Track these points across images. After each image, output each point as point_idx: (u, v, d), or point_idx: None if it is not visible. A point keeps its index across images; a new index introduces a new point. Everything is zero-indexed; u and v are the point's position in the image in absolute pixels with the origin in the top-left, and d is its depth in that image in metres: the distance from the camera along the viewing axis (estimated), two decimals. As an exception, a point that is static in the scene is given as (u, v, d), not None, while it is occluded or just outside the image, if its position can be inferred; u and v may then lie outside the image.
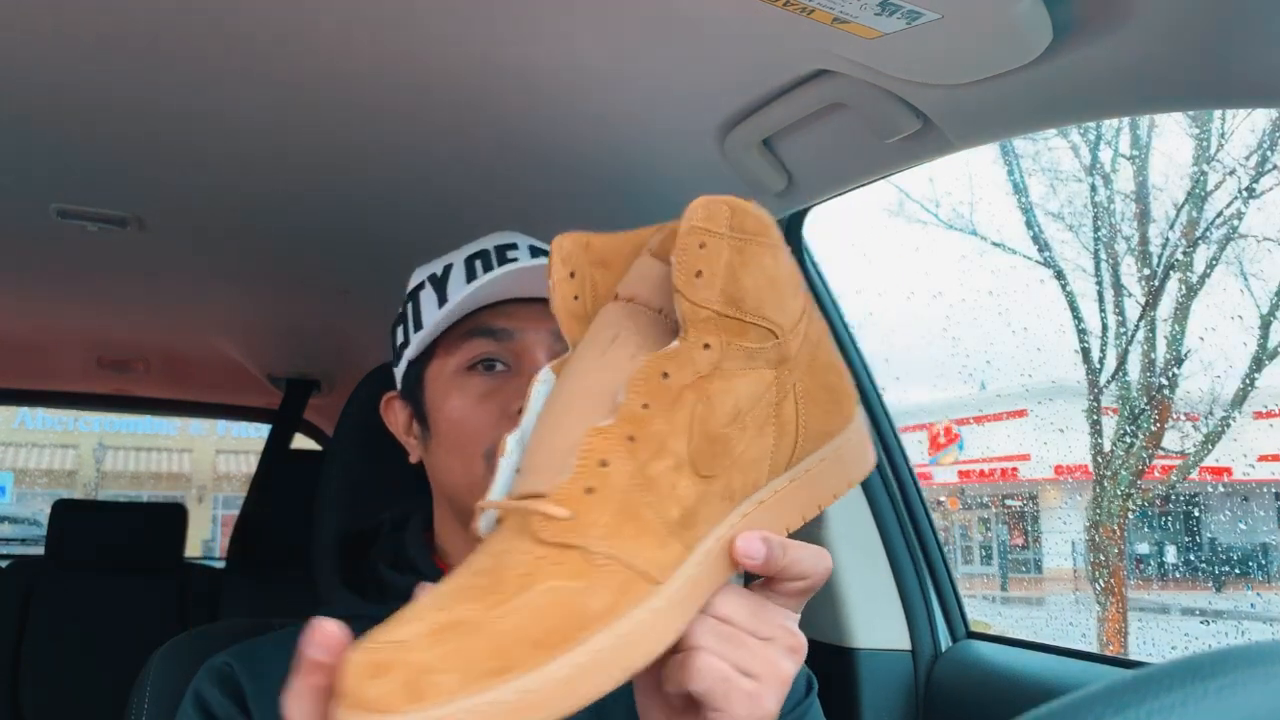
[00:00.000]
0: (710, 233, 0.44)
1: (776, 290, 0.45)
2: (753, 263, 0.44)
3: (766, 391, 0.44)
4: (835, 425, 0.48)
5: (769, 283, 0.45)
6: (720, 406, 0.42)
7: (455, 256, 0.78)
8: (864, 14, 0.66)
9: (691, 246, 0.44)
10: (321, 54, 0.87)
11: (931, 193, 9.32)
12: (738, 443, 0.43)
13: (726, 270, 0.44)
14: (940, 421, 10.67)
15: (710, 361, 0.43)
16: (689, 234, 0.44)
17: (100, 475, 18.44)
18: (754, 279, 0.44)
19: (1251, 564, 7.85)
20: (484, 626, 0.36)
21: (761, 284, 0.44)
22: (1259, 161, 5.44)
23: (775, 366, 0.45)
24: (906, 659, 1.13)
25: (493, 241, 0.78)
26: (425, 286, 0.78)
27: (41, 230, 1.39)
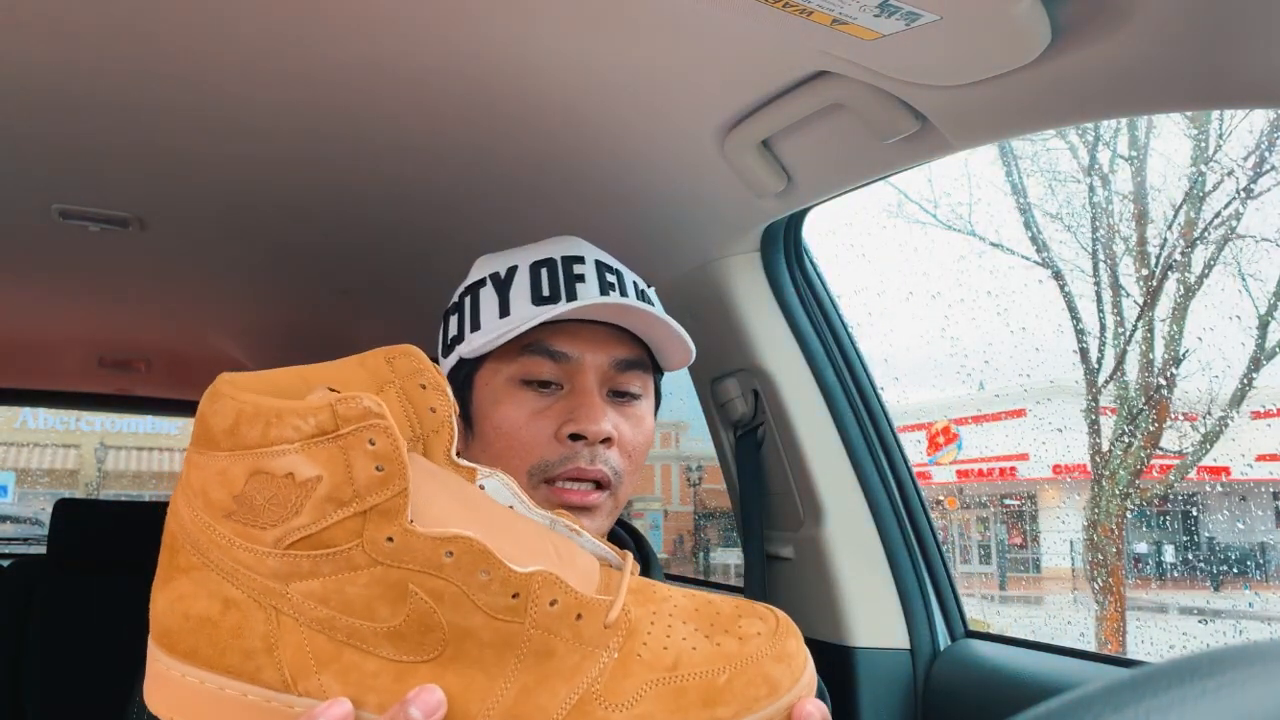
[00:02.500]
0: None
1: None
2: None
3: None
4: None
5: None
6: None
7: (521, 258, 0.78)
8: (863, 15, 0.66)
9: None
10: (322, 55, 0.87)
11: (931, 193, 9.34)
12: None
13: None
14: (939, 421, 10.68)
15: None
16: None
17: (102, 475, 18.43)
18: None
19: (1249, 563, 7.86)
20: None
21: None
22: (1257, 162, 5.45)
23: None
24: (905, 658, 1.13)
25: (560, 250, 0.78)
26: (486, 284, 0.78)
27: (43, 230, 1.39)
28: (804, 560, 1.18)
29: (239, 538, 0.40)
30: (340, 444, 0.40)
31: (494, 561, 0.41)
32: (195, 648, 0.41)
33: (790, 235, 1.23)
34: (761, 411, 1.23)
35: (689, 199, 1.13)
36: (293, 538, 0.40)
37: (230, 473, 0.40)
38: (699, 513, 17.74)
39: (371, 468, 0.40)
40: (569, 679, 0.41)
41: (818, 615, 1.15)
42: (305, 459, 0.39)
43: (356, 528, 0.40)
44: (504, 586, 0.41)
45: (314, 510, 0.40)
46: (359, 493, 0.40)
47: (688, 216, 1.17)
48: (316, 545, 0.40)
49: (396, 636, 0.40)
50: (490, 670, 0.41)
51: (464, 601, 0.40)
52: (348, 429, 0.40)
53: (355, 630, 0.40)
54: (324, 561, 0.40)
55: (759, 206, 1.09)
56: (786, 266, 1.24)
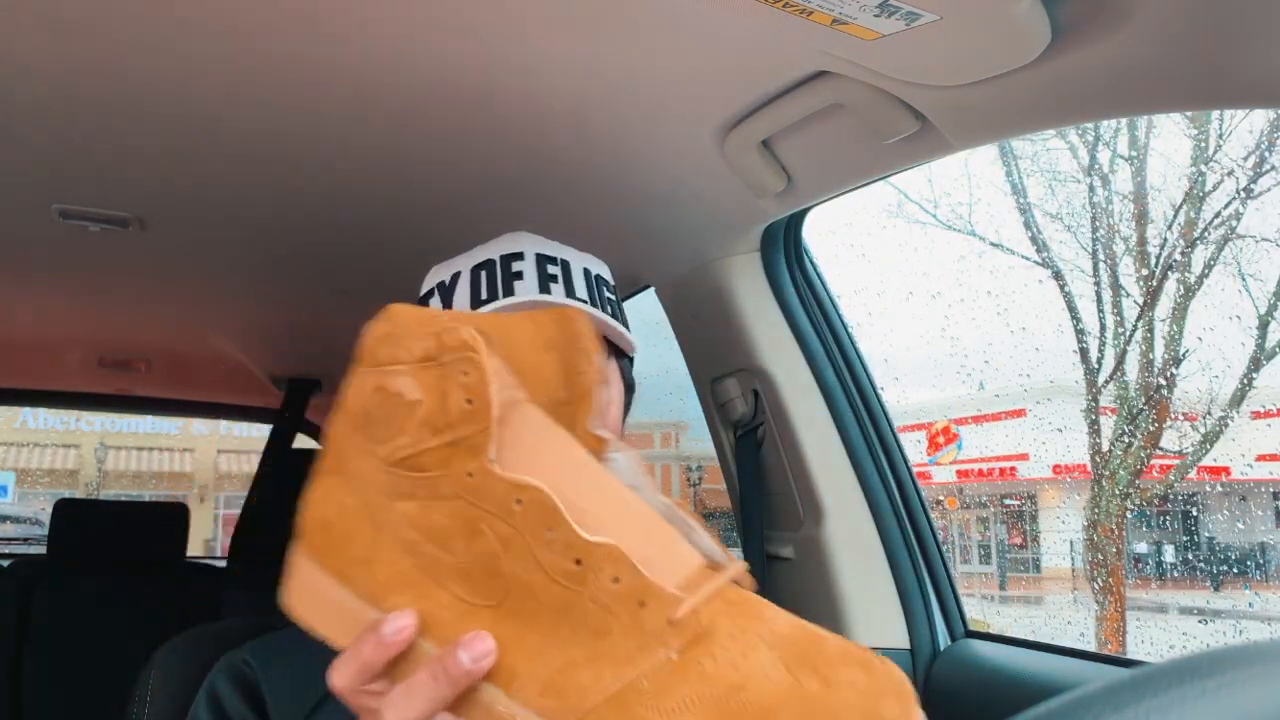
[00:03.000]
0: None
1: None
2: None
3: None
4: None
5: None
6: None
7: (464, 263, 0.78)
8: (863, 15, 0.66)
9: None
10: (322, 55, 0.87)
11: (931, 193, 9.33)
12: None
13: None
14: (939, 421, 10.68)
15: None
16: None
17: (102, 475, 18.44)
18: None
19: (1249, 563, 7.86)
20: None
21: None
22: (1257, 162, 5.45)
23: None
24: (905, 658, 1.13)
25: (500, 250, 0.78)
26: (434, 295, 0.78)
27: (43, 231, 1.39)
28: (804, 560, 1.18)
29: (362, 449, 0.43)
30: (440, 371, 0.41)
31: (560, 520, 0.40)
32: (316, 546, 0.43)
33: (790, 235, 1.23)
34: (761, 411, 1.23)
35: (689, 199, 1.13)
36: (397, 455, 0.42)
37: (362, 386, 0.43)
38: (699, 512, 17.69)
39: (463, 399, 0.41)
40: (618, 665, 0.39)
41: (817, 615, 1.15)
42: (413, 381, 0.42)
43: (445, 456, 0.41)
44: (567, 549, 0.40)
45: (414, 432, 0.41)
46: (450, 422, 0.41)
47: (688, 216, 1.17)
48: (413, 467, 0.42)
49: (465, 574, 0.41)
50: (544, 633, 0.40)
51: (528, 555, 0.40)
52: (448, 357, 0.41)
53: (434, 560, 0.41)
54: (418, 484, 0.42)
55: (759, 206, 1.09)
56: (786, 266, 1.24)
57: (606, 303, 0.78)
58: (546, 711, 0.39)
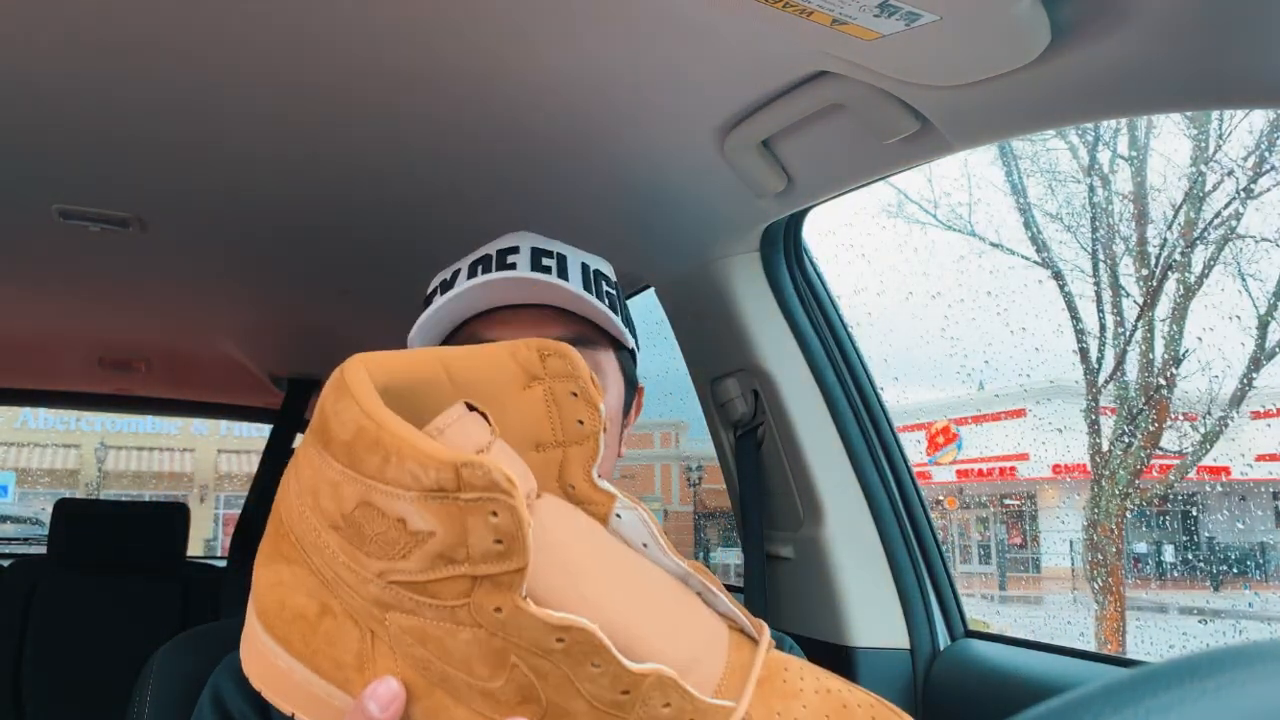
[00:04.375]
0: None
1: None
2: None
3: None
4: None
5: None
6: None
7: (464, 261, 0.79)
8: (863, 15, 0.66)
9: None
10: (322, 56, 0.87)
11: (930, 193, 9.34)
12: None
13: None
14: (939, 421, 10.69)
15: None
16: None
17: (102, 475, 18.45)
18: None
19: (1249, 563, 7.86)
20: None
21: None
22: (1257, 162, 5.45)
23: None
24: (905, 657, 1.13)
25: (497, 245, 0.78)
26: (437, 293, 0.78)
27: (43, 231, 1.39)
28: (804, 560, 1.18)
29: (343, 554, 0.38)
30: (459, 507, 0.36)
31: (608, 656, 0.38)
32: (289, 638, 0.40)
33: (790, 235, 1.23)
34: (761, 411, 1.23)
35: (689, 199, 1.13)
36: (397, 577, 0.37)
37: (342, 491, 0.37)
38: (699, 513, 17.74)
39: (490, 539, 0.36)
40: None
41: (817, 615, 1.15)
42: (419, 510, 0.36)
43: (465, 589, 0.37)
44: (614, 682, 0.38)
45: (422, 561, 0.37)
46: (472, 558, 0.36)
47: (688, 216, 1.17)
48: (421, 592, 0.37)
49: (492, 697, 0.38)
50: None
51: (568, 686, 0.38)
52: (470, 495, 0.36)
53: (449, 677, 0.38)
54: (427, 608, 0.37)
55: (759, 206, 1.09)
56: (786, 266, 1.24)
57: (605, 295, 0.78)
58: None
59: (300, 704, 0.40)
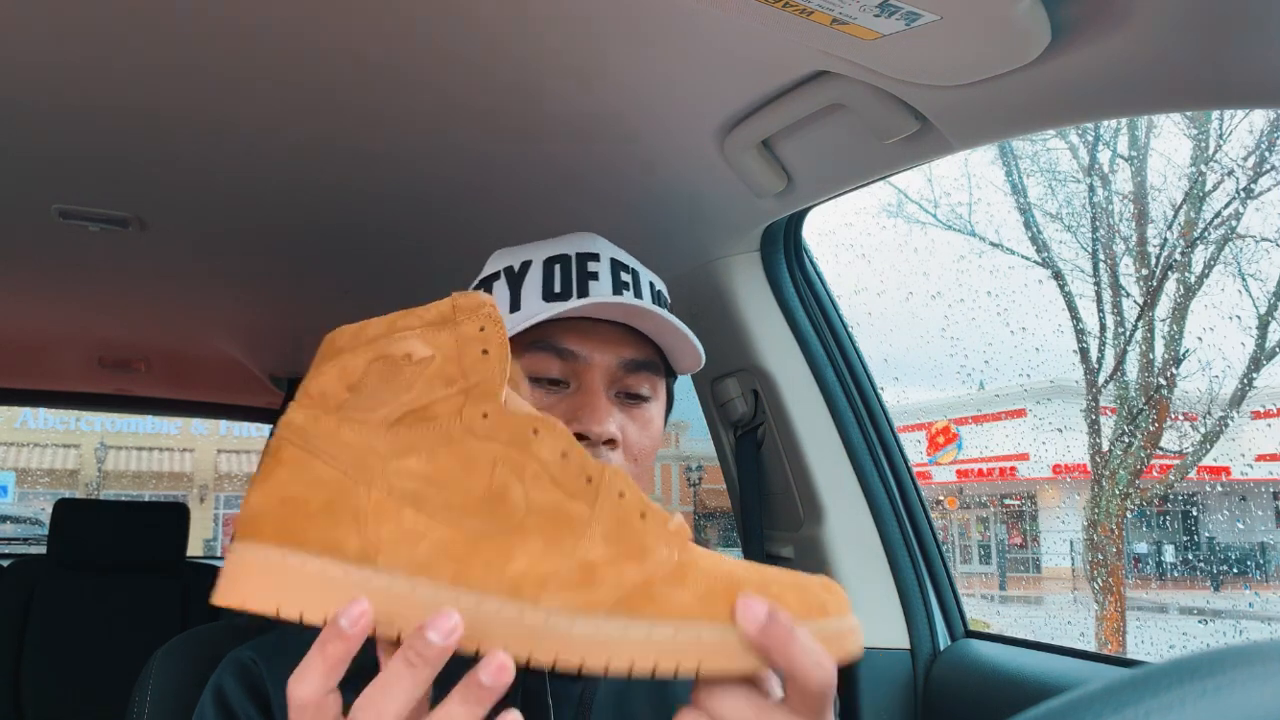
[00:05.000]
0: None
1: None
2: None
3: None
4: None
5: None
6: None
7: (536, 253, 0.77)
8: (863, 15, 0.66)
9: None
10: (322, 56, 0.87)
11: (930, 193, 9.34)
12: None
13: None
14: (939, 421, 10.69)
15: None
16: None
17: (102, 475, 18.45)
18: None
19: (1249, 563, 7.86)
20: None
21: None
22: (1257, 162, 5.45)
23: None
24: (905, 658, 1.13)
25: (574, 246, 0.77)
26: (500, 279, 0.77)
27: (43, 230, 1.39)
28: (804, 560, 1.18)
29: (347, 421, 0.44)
30: (455, 329, 0.45)
31: (574, 445, 0.46)
32: (281, 527, 0.43)
33: (790, 235, 1.23)
34: (761, 411, 1.23)
35: (689, 199, 1.13)
36: (400, 412, 0.44)
37: (350, 365, 0.44)
38: (699, 512, 17.75)
39: (478, 350, 0.45)
40: (636, 562, 0.44)
41: (818, 615, 1.15)
42: (422, 341, 0.45)
43: (458, 404, 0.44)
44: (580, 470, 0.45)
45: (424, 386, 0.44)
46: (465, 371, 0.45)
47: (688, 216, 1.17)
48: (421, 419, 0.44)
49: (476, 509, 0.44)
50: (563, 544, 0.44)
51: (543, 477, 0.45)
52: (462, 317, 0.45)
53: (443, 503, 0.43)
54: (425, 434, 0.44)
55: (759, 206, 1.09)
56: (786, 266, 1.24)
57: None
58: (580, 605, 0.43)
59: (314, 598, 0.42)
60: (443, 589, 0.42)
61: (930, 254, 11.88)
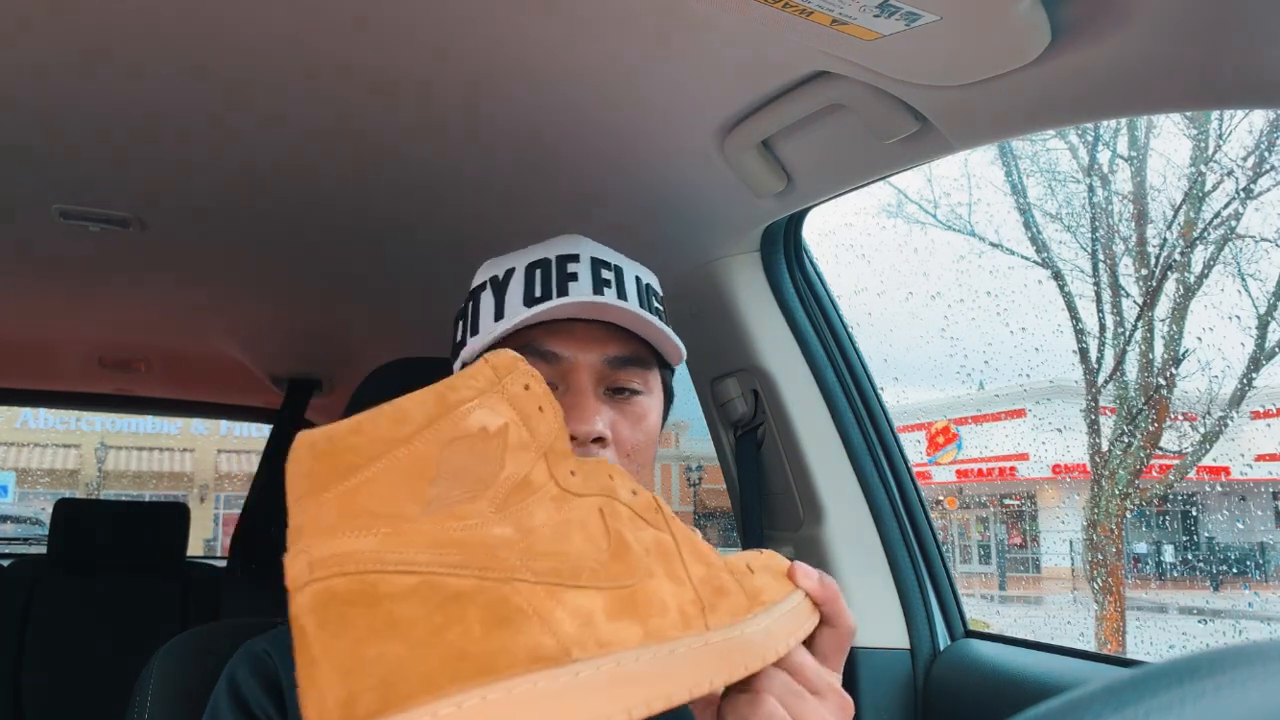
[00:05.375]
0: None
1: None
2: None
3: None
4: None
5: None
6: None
7: (519, 260, 0.78)
8: (863, 15, 0.66)
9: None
10: (322, 57, 0.87)
11: (930, 193, 9.34)
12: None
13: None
14: (938, 421, 10.69)
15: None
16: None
17: (102, 475, 18.45)
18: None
19: (1249, 563, 7.87)
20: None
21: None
22: (1256, 162, 5.45)
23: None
24: (905, 657, 1.13)
25: (555, 250, 0.77)
26: (486, 289, 0.78)
27: (43, 230, 1.39)
28: (804, 560, 1.18)
29: (451, 519, 0.38)
30: (506, 391, 0.42)
31: (634, 482, 0.47)
32: (445, 670, 0.34)
33: (790, 235, 1.23)
34: (761, 411, 1.23)
35: (689, 199, 1.13)
36: (507, 491, 0.40)
37: (420, 455, 0.38)
38: (699, 512, 17.74)
39: (535, 408, 0.43)
40: (714, 564, 0.48)
41: (818, 615, 1.15)
42: (489, 410, 0.41)
43: (546, 469, 0.42)
44: (648, 502, 0.47)
45: (513, 458, 0.41)
46: (535, 433, 0.42)
47: (688, 216, 1.17)
48: (526, 492, 0.41)
49: (612, 564, 0.42)
50: (678, 573, 0.45)
51: (635, 517, 0.46)
52: (506, 377, 0.42)
53: (585, 570, 0.41)
54: (537, 505, 0.41)
55: (759, 206, 1.09)
56: (786, 266, 1.24)
57: (655, 312, 0.79)
58: (734, 615, 0.46)
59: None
60: (644, 652, 0.40)
61: (930, 254, 11.87)
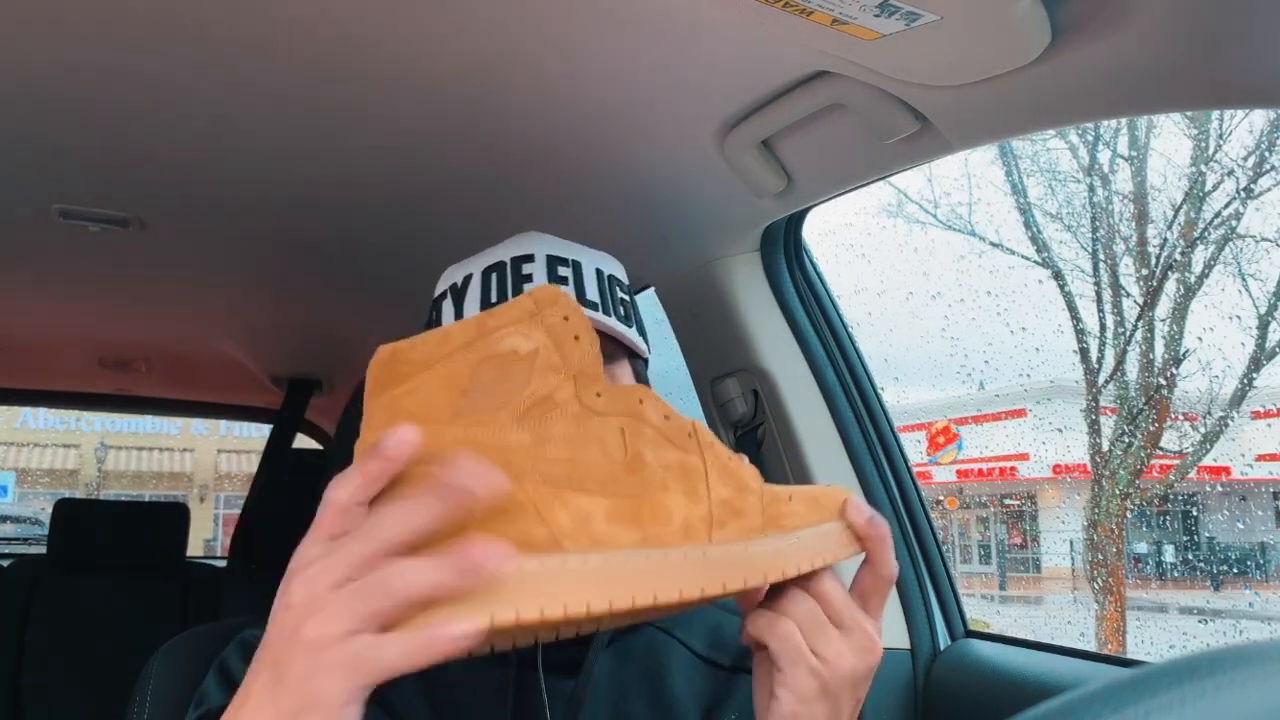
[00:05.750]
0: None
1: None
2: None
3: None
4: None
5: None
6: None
7: (475, 265, 0.77)
8: (863, 15, 0.66)
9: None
10: (323, 56, 0.87)
11: (930, 193, 9.34)
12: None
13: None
14: (939, 421, 10.68)
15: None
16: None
17: (102, 475, 18.44)
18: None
19: (1249, 563, 7.86)
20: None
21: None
22: (1257, 162, 5.45)
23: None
24: (905, 657, 1.13)
25: (510, 251, 0.77)
26: (447, 297, 0.77)
27: (43, 230, 1.39)
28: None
29: (474, 425, 0.45)
30: (544, 321, 0.48)
31: (670, 408, 0.51)
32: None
33: (790, 235, 1.23)
34: (761, 411, 1.23)
35: (689, 199, 1.13)
36: (527, 405, 0.46)
37: (455, 371, 0.46)
38: (699, 513, 17.69)
39: (571, 337, 0.48)
40: (749, 491, 0.53)
41: (818, 615, 1.15)
42: (523, 337, 0.47)
43: (572, 389, 0.48)
44: (681, 427, 0.51)
45: (540, 378, 0.47)
46: (567, 359, 0.48)
47: (688, 216, 1.17)
48: (546, 407, 0.47)
49: (625, 476, 0.47)
50: (698, 491, 0.49)
51: (660, 439, 0.49)
52: (546, 309, 0.48)
53: (594, 477, 0.46)
54: (555, 420, 0.47)
55: (759, 206, 1.09)
56: (786, 266, 1.24)
57: (619, 303, 0.78)
58: (744, 533, 0.51)
59: (527, 597, 0.43)
60: (635, 553, 0.45)
61: (930, 254, 11.86)
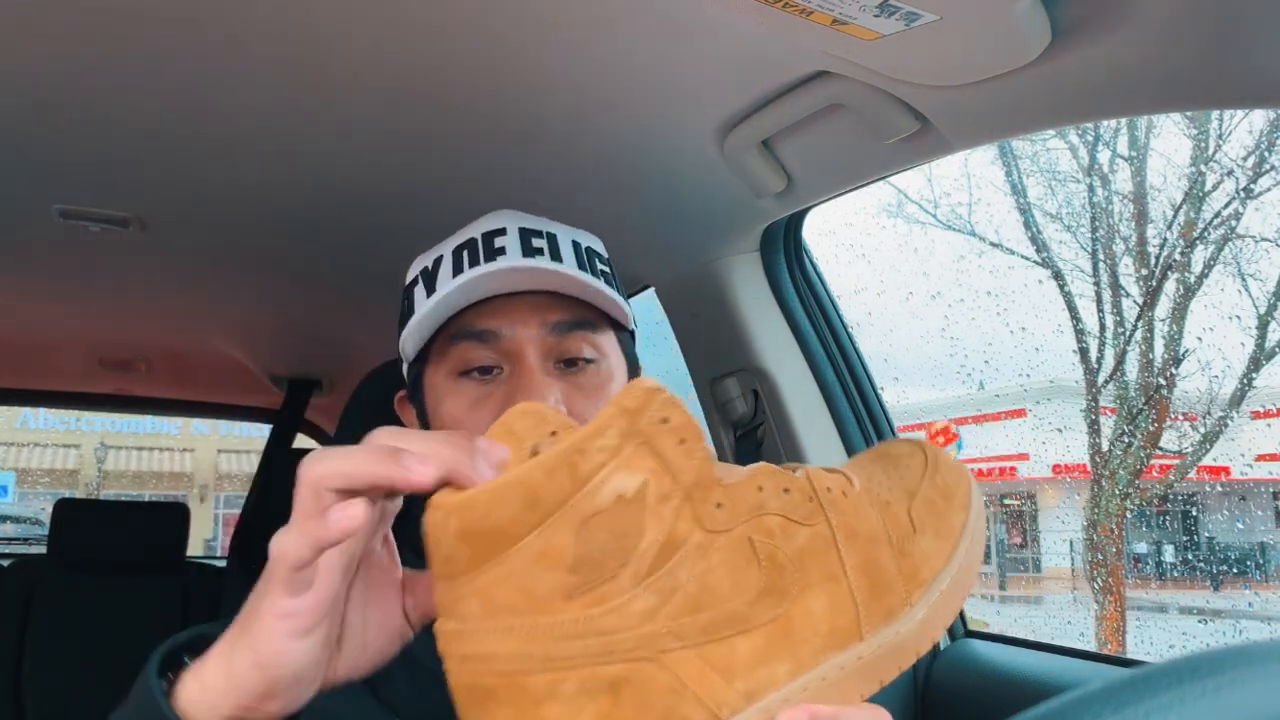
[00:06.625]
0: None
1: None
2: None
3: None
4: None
5: None
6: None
7: (446, 246, 0.74)
8: (863, 15, 0.66)
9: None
10: (323, 54, 0.87)
11: (930, 193, 9.34)
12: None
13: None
14: (939, 421, 10.68)
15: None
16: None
17: (102, 475, 18.43)
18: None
19: (1249, 563, 7.86)
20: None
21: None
22: (1257, 162, 5.45)
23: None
24: (906, 658, 1.13)
25: (481, 228, 0.74)
26: (418, 282, 0.74)
27: (43, 230, 1.39)
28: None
29: (595, 606, 0.37)
30: (645, 437, 0.38)
31: (787, 476, 0.42)
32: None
33: (790, 235, 1.23)
34: (761, 411, 1.23)
35: (689, 199, 1.13)
36: (648, 560, 0.37)
37: (555, 542, 0.36)
38: (699, 513, 17.69)
39: (675, 442, 0.38)
40: (878, 539, 0.42)
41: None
42: (625, 472, 0.37)
43: (690, 513, 0.38)
44: (802, 494, 0.41)
45: (654, 518, 0.37)
46: (676, 476, 0.38)
47: (687, 217, 1.17)
48: (670, 553, 0.37)
49: (763, 596, 0.39)
50: (833, 570, 0.41)
51: (789, 525, 0.40)
52: (643, 420, 0.38)
53: (732, 615, 0.38)
54: (682, 566, 0.38)
55: (759, 206, 1.09)
56: (786, 266, 1.24)
57: (600, 274, 0.74)
58: (890, 612, 0.42)
59: None
60: (793, 686, 0.38)
61: (930, 254, 11.86)
